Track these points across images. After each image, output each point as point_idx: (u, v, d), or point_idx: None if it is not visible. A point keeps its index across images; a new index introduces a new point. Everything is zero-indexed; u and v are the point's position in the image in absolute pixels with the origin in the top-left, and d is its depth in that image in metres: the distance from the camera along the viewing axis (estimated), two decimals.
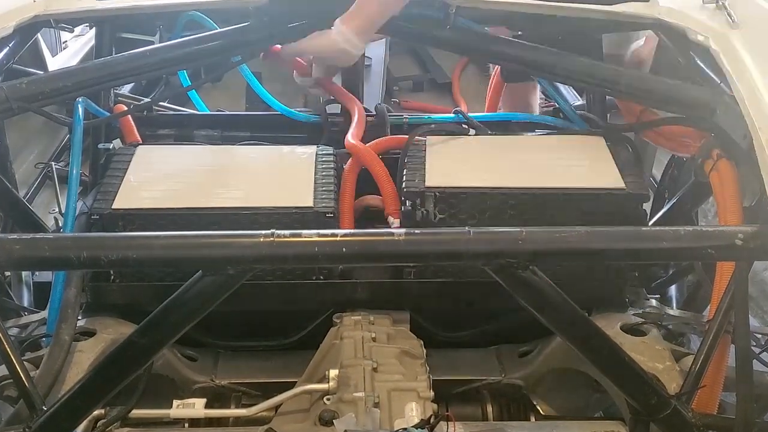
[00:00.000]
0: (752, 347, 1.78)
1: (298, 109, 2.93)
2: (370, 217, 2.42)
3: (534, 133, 2.70)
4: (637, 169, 2.31)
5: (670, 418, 1.75)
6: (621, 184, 2.20)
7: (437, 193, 2.18)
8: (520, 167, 2.31)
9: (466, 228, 1.51)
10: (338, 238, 1.50)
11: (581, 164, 2.33)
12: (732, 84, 1.96)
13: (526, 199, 2.18)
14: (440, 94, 4.36)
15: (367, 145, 2.48)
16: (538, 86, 3.14)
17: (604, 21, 2.45)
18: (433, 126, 2.62)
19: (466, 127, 2.57)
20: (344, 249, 1.49)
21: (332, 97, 2.86)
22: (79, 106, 2.34)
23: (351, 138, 2.50)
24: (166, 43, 2.54)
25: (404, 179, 2.25)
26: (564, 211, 2.18)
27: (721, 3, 2.20)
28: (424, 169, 2.27)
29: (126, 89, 3.41)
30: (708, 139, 2.13)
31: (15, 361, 1.69)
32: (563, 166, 2.31)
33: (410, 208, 2.20)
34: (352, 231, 1.68)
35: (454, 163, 2.33)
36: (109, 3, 2.49)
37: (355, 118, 2.66)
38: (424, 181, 2.21)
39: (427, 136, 2.45)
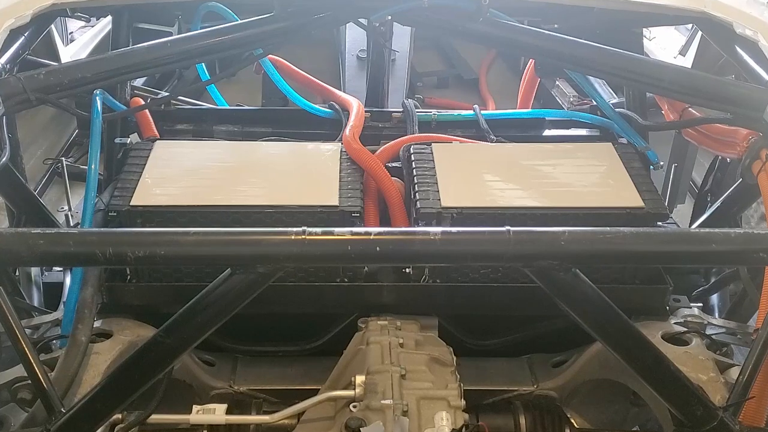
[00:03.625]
0: None
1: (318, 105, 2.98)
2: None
3: (542, 143, 2.73)
4: (650, 182, 2.33)
5: (716, 430, 1.76)
6: (640, 202, 2.23)
7: (454, 214, 2.18)
8: (536, 183, 2.33)
9: (506, 227, 1.52)
10: (372, 237, 1.52)
11: (597, 179, 2.36)
12: None
13: (546, 219, 2.19)
14: (466, 90, 4.40)
15: (378, 152, 2.51)
16: None
17: (647, 14, 2.46)
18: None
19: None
20: (378, 248, 1.51)
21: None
22: (97, 98, 2.37)
23: (351, 141, 2.51)
24: (188, 34, 2.56)
25: (417, 198, 2.24)
26: None
27: None
28: (437, 185, 2.27)
29: (138, 82, 3.45)
30: (756, 139, 2.14)
31: (34, 363, 1.70)
32: (580, 182, 2.33)
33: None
34: (386, 229, 1.68)
35: (466, 179, 2.34)
36: None
37: (353, 116, 2.69)
38: (440, 200, 2.21)
39: (432, 144, 2.47)
